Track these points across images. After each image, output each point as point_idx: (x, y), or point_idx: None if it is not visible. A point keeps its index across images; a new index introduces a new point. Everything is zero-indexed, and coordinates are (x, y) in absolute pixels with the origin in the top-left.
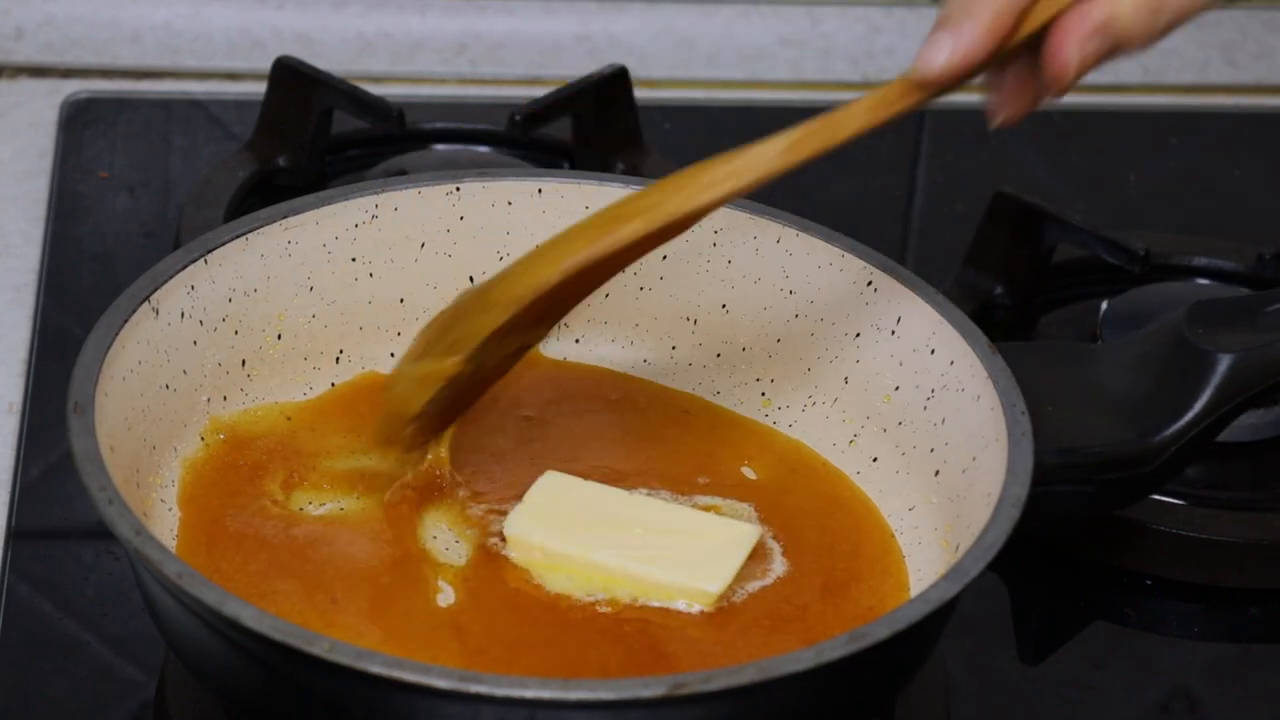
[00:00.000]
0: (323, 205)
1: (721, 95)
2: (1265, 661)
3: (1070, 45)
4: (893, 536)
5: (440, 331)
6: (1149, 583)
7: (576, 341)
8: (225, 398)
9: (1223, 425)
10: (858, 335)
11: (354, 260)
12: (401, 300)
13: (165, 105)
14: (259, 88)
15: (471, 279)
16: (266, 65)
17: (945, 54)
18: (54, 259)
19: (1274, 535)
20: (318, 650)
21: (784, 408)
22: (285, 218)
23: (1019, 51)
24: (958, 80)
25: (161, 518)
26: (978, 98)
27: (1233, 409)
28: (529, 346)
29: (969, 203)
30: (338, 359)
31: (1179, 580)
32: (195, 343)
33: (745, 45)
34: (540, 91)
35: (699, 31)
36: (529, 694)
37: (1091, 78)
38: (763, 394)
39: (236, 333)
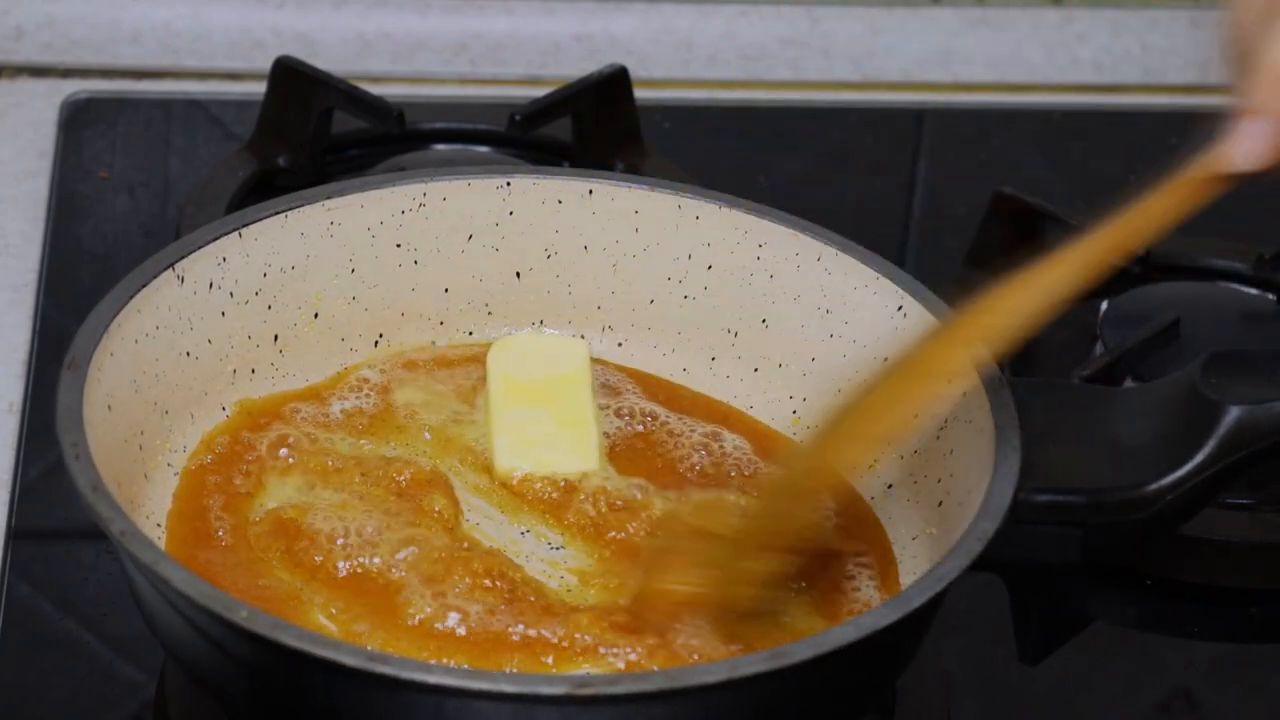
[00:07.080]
0: (369, 189)
1: (721, 95)
2: (1265, 661)
3: None
4: (893, 563)
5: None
6: (1149, 583)
7: (619, 345)
8: (254, 371)
9: (1227, 479)
10: (886, 360)
11: (399, 246)
12: (446, 290)
13: (165, 105)
14: (259, 88)
15: (518, 275)
16: (266, 65)
17: (1260, 145)
18: (54, 259)
19: (1274, 535)
20: (235, 617)
21: (813, 427)
22: (329, 198)
23: None
24: (1268, 170)
25: (164, 481)
26: (976, 97)
27: (1238, 464)
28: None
29: (969, 203)
30: (376, 343)
31: (1179, 580)
32: (223, 314)
33: (745, 45)
34: (540, 91)
35: (699, 31)
36: (432, 679)
37: (1091, 78)
38: (794, 411)
39: (270, 308)
